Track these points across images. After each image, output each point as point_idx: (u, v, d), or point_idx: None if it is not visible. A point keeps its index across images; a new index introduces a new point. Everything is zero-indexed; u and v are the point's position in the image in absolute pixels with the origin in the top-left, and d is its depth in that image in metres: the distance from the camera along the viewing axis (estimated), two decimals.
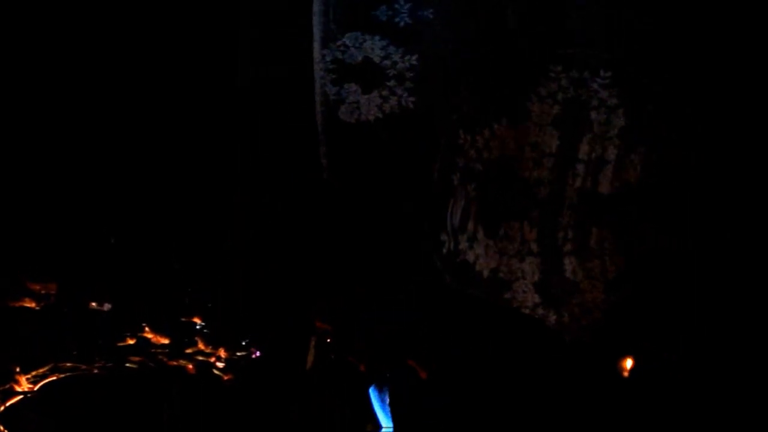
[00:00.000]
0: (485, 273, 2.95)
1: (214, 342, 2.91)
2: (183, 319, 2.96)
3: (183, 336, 2.91)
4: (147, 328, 2.89)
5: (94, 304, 2.93)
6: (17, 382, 2.65)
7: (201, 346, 2.90)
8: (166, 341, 2.88)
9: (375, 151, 2.98)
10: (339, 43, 3.00)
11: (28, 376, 2.67)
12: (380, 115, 2.97)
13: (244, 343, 2.93)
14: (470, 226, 2.95)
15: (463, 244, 2.96)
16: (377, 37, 3.02)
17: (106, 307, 2.93)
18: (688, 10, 2.92)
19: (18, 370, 2.66)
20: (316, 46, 3.01)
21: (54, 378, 2.69)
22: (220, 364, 2.85)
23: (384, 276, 2.65)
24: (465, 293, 2.90)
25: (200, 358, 2.87)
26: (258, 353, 2.89)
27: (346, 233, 2.96)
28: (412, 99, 2.98)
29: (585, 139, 2.94)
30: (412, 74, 2.99)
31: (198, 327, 2.95)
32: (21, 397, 2.64)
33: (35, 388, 2.66)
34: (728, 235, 2.92)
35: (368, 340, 2.24)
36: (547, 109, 2.94)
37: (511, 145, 2.96)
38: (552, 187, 2.96)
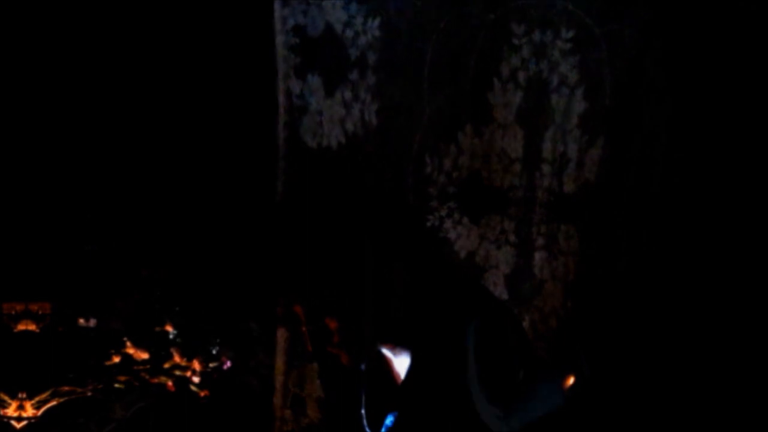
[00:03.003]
0: (462, 254, 3.14)
1: (188, 352, 3.41)
2: (157, 329, 3.39)
3: (159, 348, 3.38)
4: (128, 343, 3.39)
5: (81, 320, 3.41)
6: (23, 408, 3.09)
7: (177, 358, 3.41)
8: (145, 356, 3.38)
9: (340, 185, 3.02)
10: None
11: (33, 401, 3.10)
12: (343, 140, 3.05)
13: (214, 352, 3.40)
14: (456, 215, 3.13)
15: (448, 223, 3.13)
16: None
17: (92, 322, 3.41)
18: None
19: (24, 396, 3.09)
20: (277, 3, 2.97)
21: (55, 402, 3.14)
22: (195, 379, 3.32)
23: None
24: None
25: (177, 372, 3.40)
26: (229, 363, 3.36)
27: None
28: (375, 107, 3.03)
29: (547, 136, 3.08)
30: (374, 57, 3.01)
31: (171, 337, 3.42)
32: (26, 423, 3.09)
33: (39, 413, 3.11)
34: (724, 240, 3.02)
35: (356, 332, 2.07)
36: (509, 99, 3.05)
37: (479, 158, 3.08)
38: (523, 189, 3.12)
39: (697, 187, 3.05)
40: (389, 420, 2.18)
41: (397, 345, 2.11)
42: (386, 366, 2.18)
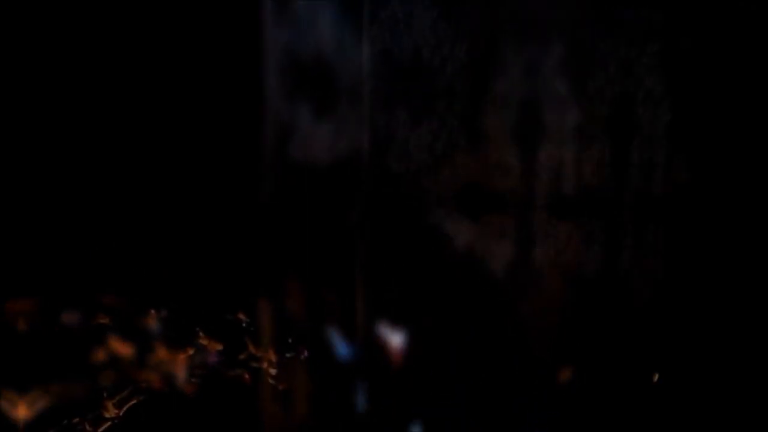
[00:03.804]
0: (460, 247, 3.18)
1: (174, 347, 3.45)
2: (141, 323, 3.46)
3: (144, 343, 3.43)
4: (112, 339, 3.41)
5: (66, 316, 3.39)
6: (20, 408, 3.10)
7: (160, 353, 3.46)
8: (128, 350, 3.39)
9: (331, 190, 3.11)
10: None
11: (25, 401, 3.11)
12: (332, 161, 3.10)
13: (199, 341, 3.39)
14: (455, 215, 3.18)
15: (446, 221, 3.18)
16: None
17: (77, 318, 3.41)
18: None
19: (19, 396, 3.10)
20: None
21: (47, 402, 3.15)
22: (181, 374, 3.40)
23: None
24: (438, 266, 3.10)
25: (163, 367, 3.44)
26: (216, 357, 3.38)
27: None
28: (366, 136, 3.06)
29: (543, 147, 3.17)
30: (368, 86, 3.02)
31: (156, 331, 3.48)
32: (21, 423, 3.10)
33: (31, 413, 3.12)
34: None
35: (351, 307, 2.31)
36: (503, 118, 3.13)
37: (477, 170, 3.16)
38: (522, 192, 3.21)
39: (697, 189, 3.15)
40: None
41: (395, 324, 2.28)
42: (382, 350, 2.34)
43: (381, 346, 2.32)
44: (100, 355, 3.35)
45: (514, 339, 2.88)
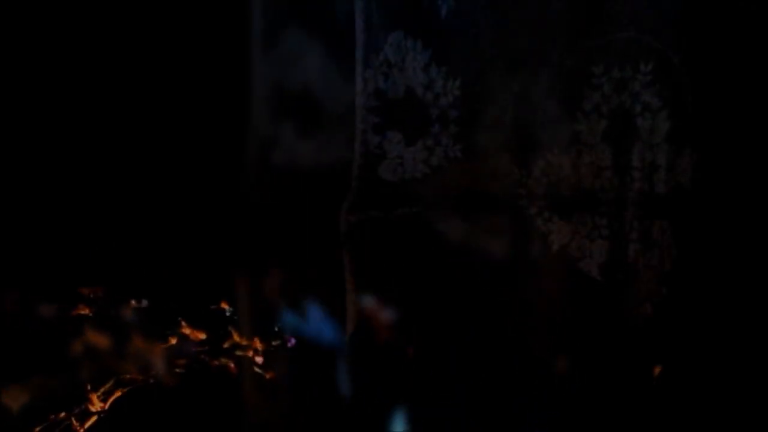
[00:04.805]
0: (555, 247, 3.31)
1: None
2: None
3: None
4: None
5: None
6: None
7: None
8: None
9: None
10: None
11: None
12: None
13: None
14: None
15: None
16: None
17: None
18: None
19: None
20: (359, 56, 3.08)
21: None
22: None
23: None
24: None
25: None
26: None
27: None
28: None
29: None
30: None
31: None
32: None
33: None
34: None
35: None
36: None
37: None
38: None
39: (697, 192, 3.28)
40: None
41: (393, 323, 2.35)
42: (370, 331, 2.44)
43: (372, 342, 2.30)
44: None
45: (514, 337, 2.98)
